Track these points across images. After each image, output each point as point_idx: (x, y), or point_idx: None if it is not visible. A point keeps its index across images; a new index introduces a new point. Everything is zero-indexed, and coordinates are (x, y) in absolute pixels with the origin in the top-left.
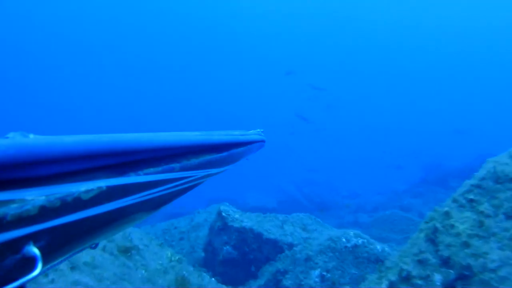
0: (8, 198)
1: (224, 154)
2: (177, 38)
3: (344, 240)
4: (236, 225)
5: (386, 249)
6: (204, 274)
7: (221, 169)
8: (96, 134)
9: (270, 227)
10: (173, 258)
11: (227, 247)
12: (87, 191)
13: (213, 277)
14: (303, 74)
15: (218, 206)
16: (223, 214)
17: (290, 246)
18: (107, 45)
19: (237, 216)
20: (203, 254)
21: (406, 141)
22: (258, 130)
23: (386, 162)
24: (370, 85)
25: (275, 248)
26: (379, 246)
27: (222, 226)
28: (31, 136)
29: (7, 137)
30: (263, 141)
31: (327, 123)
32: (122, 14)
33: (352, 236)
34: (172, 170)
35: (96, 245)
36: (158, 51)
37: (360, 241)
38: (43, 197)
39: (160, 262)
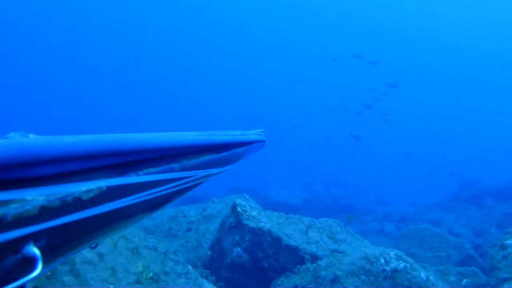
0: (8, 198)
1: (224, 154)
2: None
3: (382, 261)
4: (251, 224)
5: (431, 277)
6: None
7: (221, 169)
8: (97, 134)
9: (292, 231)
10: (145, 276)
11: (238, 249)
12: (87, 191)
13: (217, 283)
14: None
15: (235, 197)
16: (238, 209)
17: (313, 257)
18: (111, 43)
19: (254, 213)
20: (209, 252)
21: (445, 151)
22: (259, 130)
23: (439, 167)
24: (421, 89)
25: (295, 257)
26: (423, 274)
27: (235, 224)
28: (31, 136)
29: (7, 137)
30: (263, 141)
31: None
32: (123, 12)
33: (393, 258)
34: (172, 170)
35: (96, 245)
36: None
37: (401, 265)
38: (43, 197)
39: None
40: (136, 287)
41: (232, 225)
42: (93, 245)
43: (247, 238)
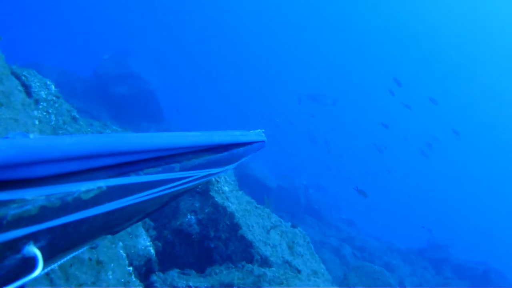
0: (8, 198)
1: (224, 154)
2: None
3: None
4: (217, 199)
5: None
6: None
7: (222, 169)
8: (97, 134)
9: (255, 223)
10: None
11: (192, 217)
12: (87, 191)
13: (155, 241)
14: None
15: None
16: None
17: (264, 260)
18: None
19: (226, 188)
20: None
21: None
22: (259, 130)
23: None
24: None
25: (245, 252)
26: None
27: (201, 190)
28: (31, 136)
29: (7, 137)
30: (263, 141)
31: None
32: None
33: None
34: (172, 170)
35: (97, 245)
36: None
37: None
38: (43, 197)
39: None
40: None
41: (198, 189)
42: (94, 245)
43: (206, 210)
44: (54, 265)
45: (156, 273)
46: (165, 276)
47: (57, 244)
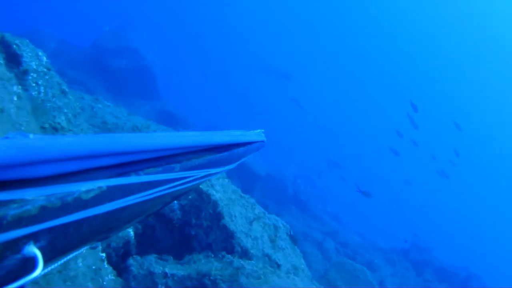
0: (8, 198)
1: (224, 154)
2: None
3: None
4: (202, 185)
5: None
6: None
7: (222, 169)
8: (97, 134)
9: (238, 213)
10: None
11: (175, 201)
12: (87, 191)
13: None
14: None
15: None
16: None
17: (244, 252)
18: None
19: None
20: None
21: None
22: (259, 130)
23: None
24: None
25: (226, 242)
26: None
27: None
28: (31, 136)
29: (7, 137)
30: (263, 141)
31: None
32: None
33: None
34: (172, 170)
35: (97, 245)
36: None
37: None
38: (43, 197)
39: None
40: None
41: None
42: (94, 245)
43: (190, 196)
44: (54, 265)
45: (134, 256)
46: (143, 260)
47: (57, 244)
